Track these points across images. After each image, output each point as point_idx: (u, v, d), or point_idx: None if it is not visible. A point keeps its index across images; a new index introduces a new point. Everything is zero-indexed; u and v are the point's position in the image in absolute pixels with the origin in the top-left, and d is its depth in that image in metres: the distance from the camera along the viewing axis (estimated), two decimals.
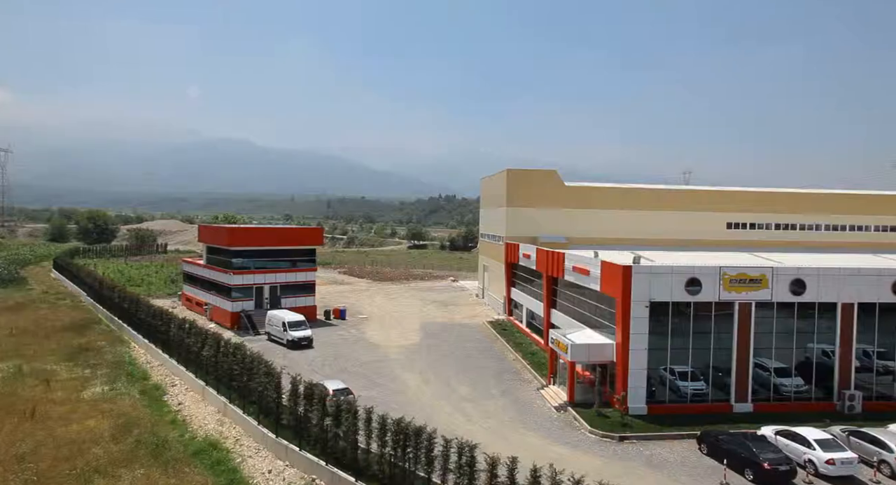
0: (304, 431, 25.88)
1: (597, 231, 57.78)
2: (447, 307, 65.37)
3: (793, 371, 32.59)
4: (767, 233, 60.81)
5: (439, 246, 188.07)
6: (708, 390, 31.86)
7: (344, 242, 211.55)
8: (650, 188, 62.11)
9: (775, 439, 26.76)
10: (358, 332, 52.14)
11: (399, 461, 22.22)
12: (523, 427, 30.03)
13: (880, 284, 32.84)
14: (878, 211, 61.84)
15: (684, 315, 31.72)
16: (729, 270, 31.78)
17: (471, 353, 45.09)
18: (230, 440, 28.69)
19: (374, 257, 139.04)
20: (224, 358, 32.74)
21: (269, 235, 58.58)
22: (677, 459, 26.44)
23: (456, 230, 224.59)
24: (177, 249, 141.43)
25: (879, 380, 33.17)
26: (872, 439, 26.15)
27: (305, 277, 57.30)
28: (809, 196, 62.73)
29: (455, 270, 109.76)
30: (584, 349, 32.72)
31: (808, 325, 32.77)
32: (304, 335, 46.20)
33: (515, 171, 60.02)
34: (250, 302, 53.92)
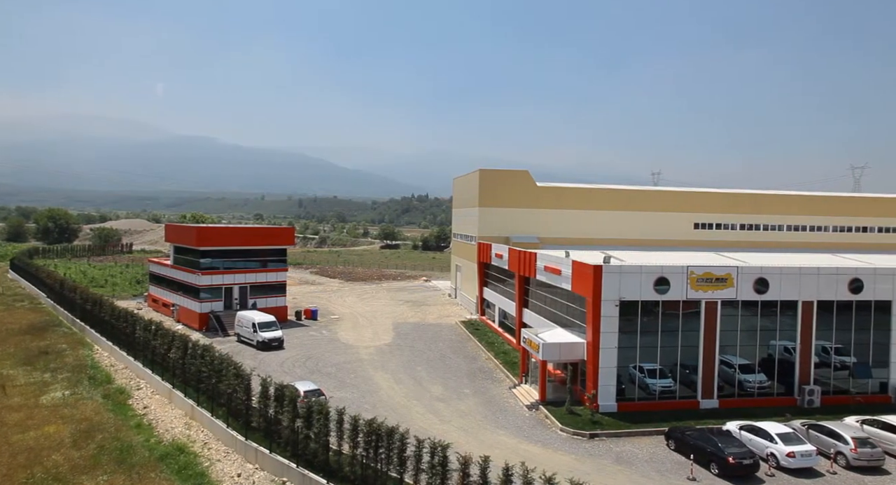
0: (275, 433, 25.52)
1: (568, 231, 58.46)
2: (420, 307, 65.28)
3: (756, 368, 33.49)
4: (732, 233, 62.38)
5: (412, 246, 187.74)
6: (676, 387, 32.51)
7: (316, 242, 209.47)
8: (620, 189, 63.09)
9: (739, 433, 27.46)
10: (330, 332, 51.68)
11: (371, 462, 22.09)
12: (496, 426, 30.17)
13: (838, 283, 33.99)
14: (836, 213, 64.02)
15: (653, 314, 32.31)
16: (696, 269, 32.49)
17: (443, 352, 45.12)
18: (198, 444, 28.11)
19: (346, 257, 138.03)
20: (192, 360, 32.07)
21: (239, 234, 57.59)
22: (646, 455, 26.91)
23: (429, 230, 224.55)
24: (143, 249, 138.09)
25: (836, 375, 34.33)
26: (830, 432, 27.07)
27: (276, 277, 56.54)
28: (772, 198, 64.57)
29: (428, 269, 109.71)
30: (556, 348, 33.05)
31: (770, 322, 33.71)
32: (274, 336, 45.58)
33: (488, 171, 60.29)
34: (219, 303, 52.96)
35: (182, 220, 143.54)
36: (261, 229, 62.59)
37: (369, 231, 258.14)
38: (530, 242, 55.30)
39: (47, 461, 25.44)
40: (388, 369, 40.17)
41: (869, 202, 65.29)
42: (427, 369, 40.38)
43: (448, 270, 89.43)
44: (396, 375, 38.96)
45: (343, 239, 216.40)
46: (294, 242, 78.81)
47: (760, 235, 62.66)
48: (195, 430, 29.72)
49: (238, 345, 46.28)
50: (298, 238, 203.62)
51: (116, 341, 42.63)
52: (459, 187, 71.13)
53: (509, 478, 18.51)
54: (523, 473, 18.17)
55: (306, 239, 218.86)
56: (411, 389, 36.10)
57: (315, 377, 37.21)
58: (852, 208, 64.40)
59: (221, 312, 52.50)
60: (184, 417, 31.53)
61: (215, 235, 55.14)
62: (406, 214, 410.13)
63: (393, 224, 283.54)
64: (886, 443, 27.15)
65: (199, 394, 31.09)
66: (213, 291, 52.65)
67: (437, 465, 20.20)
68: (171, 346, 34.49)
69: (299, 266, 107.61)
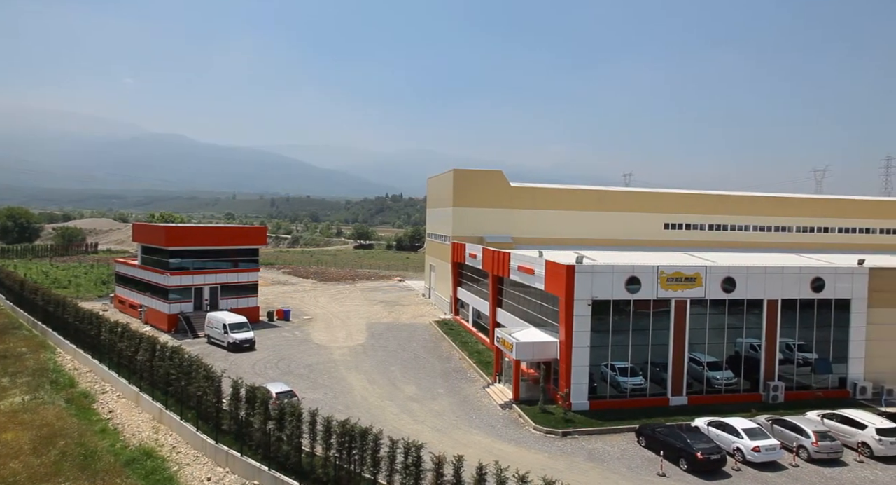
0: (246, 435, 25.15)
1: (542, 231, 58.94)
2: (394, 307, 65.07)
3: (724, 365, 34.27)
4: (701, 233, 63.68)
5: (386, 246, 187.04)
6: (646, 384, 33.05)
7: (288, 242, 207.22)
8: (593, 189, 63.86)
9: (707, 429, 28.05)
10: (302, 333, 51.14)
11: (344, 464, 21.93)
12: (469, 426, 30.24)
13: (801, 282, 35.01)
14: (799, 214, 65.89)
15: (624, 313, 32.79)
16: (666, 269, 33.09)
17: (417, 353, 45.05)
18: (166, 448, 27.52)
19: (319, 257, 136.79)
20: (160, 362, 31.39)
21: (210, 234, 56.56)
22: (617, 452, 27.29)
23: (403, 230, 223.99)
24: (108, 249, 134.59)
25: (799, 371, 35.36)
26: (793, 427, 27.87)
27: (248, 277, 55.71)
28: (739, 199, 66.13)
29: (402, 269, 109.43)
30: (529, 347, 33.28)
31: (737, 321, 34.53)
32: (246, 337, 44.90)
33: (462, 171, 60.40)
34: (189, 304, 51.95)
35: (150, 219, 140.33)
36: (232, 229, 61.61)
37: (343, 231, 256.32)
38: (504, 242, 55.60)
39: (4, 470, 24.60)
40: (361, 370, 39.93)
41: (830, 204, 67.39)
42: (401, 370, 40.27)
43: (422, 270, 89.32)
44: (370, 375, 38.75)
45: (316, 239, 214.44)
46: (266, 241, 77.78)
47: (728, 236, 64.12)
48: (163, 434, 29.09)
49: (208, 346, 45.46)
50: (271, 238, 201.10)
51: (80, 344, 41.46)
52: (434, 187, 71.12)
53: (483, 477, 18.57)
54: (497, 472, 18.24)
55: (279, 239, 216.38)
56: (385, 389, 35.95)
57: (287, 379, 36.78)
58: (814, 210, 66.37)
59: (191, 313, 51.51)
60: (151, 420, 30.84)
61: (185, 234, 54.08)
62: (380, 213, 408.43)
63: (367, 224, 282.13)
64: (844, 436, 28.08)
65: (168, 397, 30.45)
66: (182, 291, 51.63)
67: (410, 465, 20.16)
68: (139, 348, 33.70)
69: (271, 266, 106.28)
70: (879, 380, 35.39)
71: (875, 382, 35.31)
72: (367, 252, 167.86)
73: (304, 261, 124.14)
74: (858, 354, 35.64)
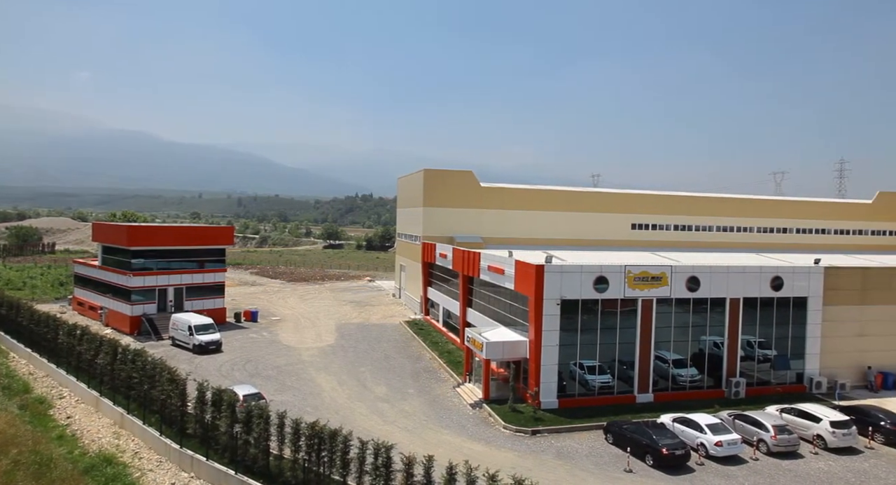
0: (212, 439, 24.67)
1: (511, 231, 59.38)
2: (364, 308, 64.66)
3: (688, 362, 35.10)
4: (667, 233, 65.11)
5: (356, 246, 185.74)
6: (614, 382, 33.60)
7: (256, 242, 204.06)
8: (562, 190, 64.63)
9: (673, 425, 28.67)
10: (271, 334, 50.38)
11: (314, 466, 21.70)
12: (440, 426, 30.26)
13: (762, 281, 36.11)
14: (760, 215, 67.98)
15: (592, 312, 33.27)
16: (633, 268, 33.70)
17: (387, 353, 44.86)
18: (128, 454, 26.76)
19: (288, 257, 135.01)
20: (122, 366, 30.54)
21: (174, 233, 55.22)
22: (585, 449, 27.68)
23: (373, 230, 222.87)
24: (66, 250, 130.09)
25: (759, 367, 36.46)
26: (753, 421, 28.74)
27: (214, 278, 54.60)
28: (703, 200, 67.84)
29: (372, 269, 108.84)
30: (499, 347, 33.48)
31: (701, 319, 35.40)
32: (212, 339, 44.00)
33: (432, 171, 60.40)
34: (152, 305, 50.63)
35: (112, 218, 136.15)
36: (198, 229, 60.28)
37: (312, 231, 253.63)
38: (474, 242, 55.82)
39: None
40: (331, 371, 39.56)
41: (788, 205, 69.72)
42: (371, 370, 40.04)
43: (392, 270, 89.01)
44: (339, 376, 38.42)
45: (285, 239, 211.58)
46: (233, 241, 76.38)
47: (692, 236, 65.69)
48: (125, 439, 28.29)
49: (173, 349, 44.40)
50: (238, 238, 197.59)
51: (36, 348, 40.01)
52: (404, 187, 70.93)
53: (453, 477, 18.61)
54: (467, 471, 18.31)
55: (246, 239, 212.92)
56: (355, 390, 35.70)
57: (255, 381, 36.19)
58: (774, 211, 68.57)
59: (155, 314, 50.22)
60: (112, 426, 29.95)
61: (148, 234, 52.71)
62: (350, 213, 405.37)
63: (336, 224, 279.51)
64: (801, 429, 29.10)
65: (130, 401, 29.63)
66: (145, 292, 50.29)
67: (380, 466, 20.08)
68: (99, 351, 32.73)
69: (239, 267, 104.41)
70: (833, 375, 36.76)
71: (830, 377, 36.65)
72: (336, 252, 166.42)
73: (273, 261, 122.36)
74: (814, 351, 36.96)
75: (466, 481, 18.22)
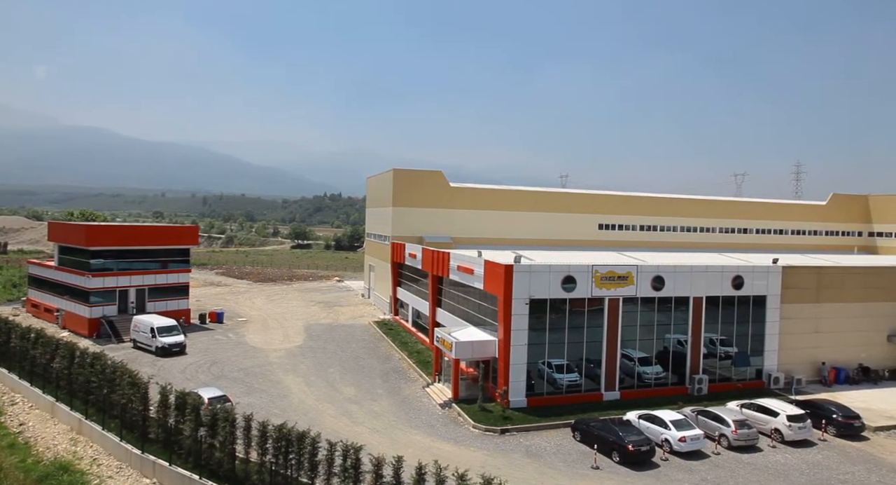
0: (176, 444, 24.11)
1: (481, 231, 59.61)
2: (332, 308, 64.07)
3: (653, 360, 35.85)
4: (633, 233, 66.34)
5: (324, 246, 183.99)
6: (581, 380, 34.08)
7: (222, 242, 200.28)
8: (531, 190, 65.20)
9: (638, 422, 29.25)
10: (237, 336, 49.48)
11: (281, 469, 21.41)
12: (409, 426, 30.20)
13: (723, 280, 37.13)
14: (721, 215, 69.87)
15: (560, 311, 33.68)
16: (600, 268, 34.25)
17: (356, 353, 44.55)
18: (86, 461, 25.92)
19: (254, 257, 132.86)
20: (80, 370, 29.56)
21: (136, 233, 53.72)
22: (553, 447, 28.00)
23: (342, 230, 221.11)
24: (20, 250, 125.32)
25: (721, 364, 37.49)
26: (715, 417, 29.55)
27: (178, 278, 53.30)
28: (667, 201, 69.33)
29: (341, 270, 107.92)
30: (468, 346, 33.59)
31: (665, 317, 36.21)
32: (175, 341, 42.97)
33: (402, 171, 60.22)
34: (113, 307, 49.15)
35: (69, 217, 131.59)
36: (160, 228, 58.81)
37: (279, 230, 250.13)
38: (444, 242, 55.87)
39: None
40: (298, 372, 39.07)
41: (748, 206, 71.85)
42: (340, 371, 39.70)
43: (361, 271, 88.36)
44: (308, 377, 37.99)
45: (252, 238, 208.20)
46: (198, 241, 74.73)
47: (657, 236, 67.11)
48: (83, 446, 27.40)
49: (134, 351, 43.22)
50: (203, 237, 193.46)
51: None
52: (373, 187, 70.54)
53: (422, 477, 18.61)
54: (436, 471, 18.33)
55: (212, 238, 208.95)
56: (323, 391, 35.34)
57: (221, 383, 35.48)
58: (735, 212, 70.55)
59: (115, 316, 48.76)
60: (69, 432, 28.98)
61: (108, 233, 51.17)
62: (318, 213, 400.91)
63: (304, 223, 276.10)
64: (760, 424, 30.06)
65: (88, 406, 28.75)
66: (105, 294, 48.79)
67: (349, 468, 19.94)
68: (55, 355, 31.65)
69: (204, 267, 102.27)
70: (790, 370, 38.06)
71: (787, 372, 37.93)
72: (304, 252, 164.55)
73: (239, 261, 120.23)
74: (773, 347, 38.18)
75: (436, 480, 18.24)
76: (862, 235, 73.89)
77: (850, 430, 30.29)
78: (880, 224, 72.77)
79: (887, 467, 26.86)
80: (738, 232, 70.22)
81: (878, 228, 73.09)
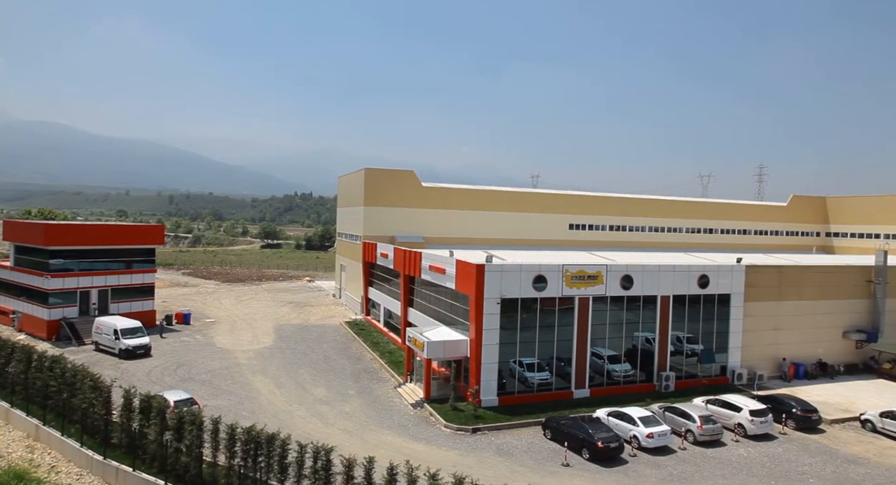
0: (140, 448, 23.49)
1: (453, 231, 59.73)
2: (303, 308, 63.33)
3: (622, 358, 36.43)
4: (603, 233, 67.35)
5: (295, 245, 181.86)
6: (552, 379, 34.41)
7: (189, 241, 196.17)
8: (502, 190, 65.61)
9: (608, 419, 29.67)
10: (204, 337, 48.47)
11: (250, 472, 21.07)
12: (380, 426, 30.04)
13: (690, 279, 37.97)
14: (688, 215, 71.51)
15: (531, 310, 33.94)
16: (570, 267, 34.63)
17: (327, 354, 44.13)
18: (43, 468, 25.05)
19: (223, 257, 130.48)
20: (37, 374, 28.55)
21: (98, 232, 52.13)
22: (524, 445, 28.21)
23: (312, 229, 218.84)
24: None
25: (687, 361, 38.33)
26: (681, 413, 30.21)
27: (143, 279, 51.94)
28: (636, 201, 70.62)
29: (311, 269, 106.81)
30: (440, 346, 33.60)
31: (634, 316, 36.83)
32: (140, 343, 41.88)
33: (373, 170, 59.92)
34: (73, 308, 47.64)
35: (26, 216, 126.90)
36: (124, 227, 57.23)
37: (249, 230, 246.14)
38: (416, 242, 55.77)
39: None
40: (268, 374, 38.50)
41: (713, 207, 73.69)
42: (310, 372, 39.26)
43: (332, 270, 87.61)
44: (277, 379, 37.46)
45: (220, 238, 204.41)
46: (164, 241, 72.98)
47: (626, 236, 68.28)
48: (40, 453, 26.47)
49: (97, 354, 41.97)
50: (169, 237, 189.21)
51: None
52: (345, 186, 70.00)
53: (394, 477, 18.53)
54: (408, 471, 18.28)
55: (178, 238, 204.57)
56: (293, 393, 34.90)
57: (187, 386, 34.71)
58: (700, 212, 72.30)
59: (76, 318, 47.27)
60: (25, 438, 27.97)
61: (69, 232, 49.54)
62: (289, 212, 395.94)
63: (274, 223, 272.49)
64: (724, 419, 30.84)
65: (47, 412, 27.79)
66: (65, 295, 47.25)
67: (320, 469, 19.74)
68: (10, 358, 30.54)
69: (170, 267, 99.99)
70: (753, 367, 39.15)
71: (750, 368, 38.99)
72: (274, 252, 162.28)
73: (207, 261, 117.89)
74: (737, 344, 39.22)
75: (407, 481, 18.19)
76: (820, 235, 76.53)
77: (809, 423, 31.34)
78: (837, 225, 75.48)
79: (842, 458, 27.88)
80: (704, 232, 71.94)
81: (834, 228, 75.80)
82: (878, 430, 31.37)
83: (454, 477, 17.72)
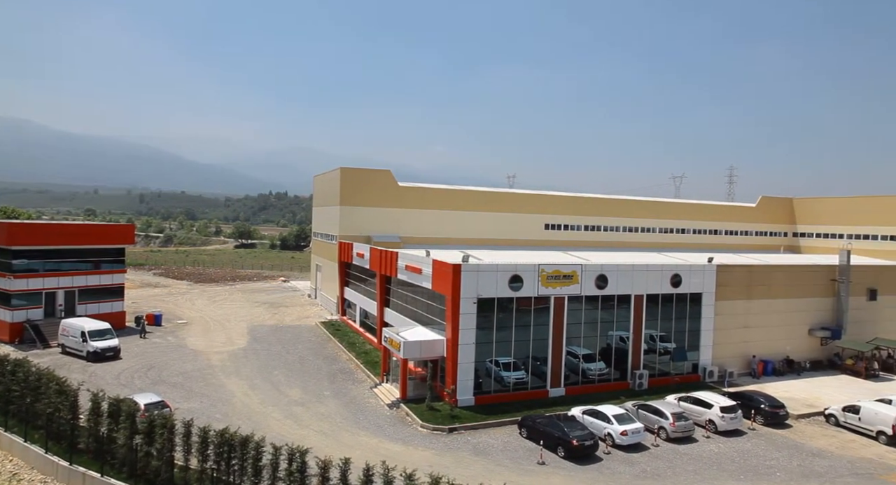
0: (108, 453, 22.93)
1: (429, 231, 59.66)
2: (278, 309, 62.61)
3: (597, 357, 36.85)
4: (578, 233, 67.98)
5: (269, 245, 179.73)
6: (528, 378, 34.63)
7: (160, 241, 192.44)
8: (478, 190, 65.76)
9: (582, 418, 29.98)
10: (176, 339, 47.56)
11: (223, 475, 20.75)
12: (357, 427, 29.86)
13: (663, 278, 38.60)
14: (661, 216, 72.66)
15: (507, 310, 34.11)
16: (546, 267, 34.90)
17: (302, 355, 43.69)
18: (4, 476, 24.27)
19: (196, 257, 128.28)
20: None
21: (64, 231, 50.72)
22: (500, 444, 28.34)
23: (288, 229, 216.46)
24: None
25: (660, 360, 38.97)
26: (654, 410, 30.69)
27: (112, 279, 50.72)
28: (611, 201, 71.45)
29: (287, 269, 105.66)
30: (417, 346, 33.54)
31: (608, 315, 37.30)
32: (109, 345, 40.88)
33: (349, 169, 59.52)
34: (38, 310, 46.28)
35: None
36: (92, 226, 55.84)
37: (222, 229, 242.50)
38: (392, 242, 55.58)
39: None
40: (242, 375, 37.95)
41: (686, 207, 75.01)
42: (285, 373, 38.82)
43: (308, 270, 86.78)
44: (251, 380, 36.95)
45: (192, 238, 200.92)
46: (134, 240, 71.41)
47: (601, 236, 69.04)
48: (0, 460, 25.60)
49: (63, 357, 40.85)
50: (140, 236, 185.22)
51: None
52: (320, 185, 69.40)
53: (370, 478, 18.44)
54: (384, 472, 18.22)
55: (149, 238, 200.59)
56: (268, 394, 34.46)
57: (159, 388, 34.01)
58: (673, 213, 73.52)
59: (41, 320, 45.92)
60: None
61: (32, 232, 48.09)
62: (263, 211, 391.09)
63: (249, 222, 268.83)
64: (696, 415, 31.43)
65: (8, 417, 26.97)
66: (29, 296, 45.88)
67: (294, 471, 19.54)
68: None
69: (141, 267, 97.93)
70: (724, 364, 39.98)
71: (720, 366, 39.81)
72: (248, 252, 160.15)
73: (179, 261, 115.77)
74: (708, 342, 40.01)
75: (384, 481, 18.12)
76: (787, 235, 78.49)
77: (776, 418, 32.16)
78: (803, 225, 77.49)
79: (807, 452, 28.69)
80: (677, 232, 73.16)
81: (801, 228, 77.80)
82: (841, 424, 32.35)
83: (430, 477, 17.71)
